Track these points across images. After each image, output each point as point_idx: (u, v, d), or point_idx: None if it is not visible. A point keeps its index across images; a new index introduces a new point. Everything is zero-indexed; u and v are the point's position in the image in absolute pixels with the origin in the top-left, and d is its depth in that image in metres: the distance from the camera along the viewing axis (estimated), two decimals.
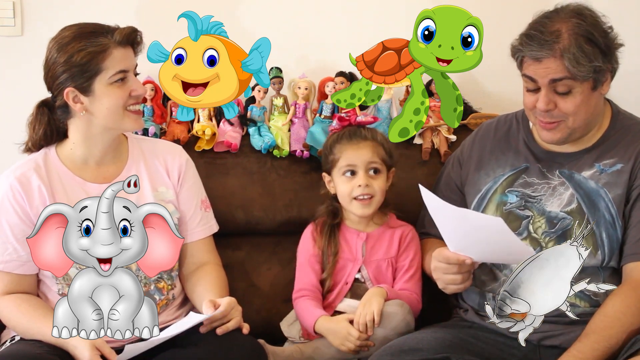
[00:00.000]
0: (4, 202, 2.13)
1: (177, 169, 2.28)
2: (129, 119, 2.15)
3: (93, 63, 2.09)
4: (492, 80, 2.75)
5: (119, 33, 2.11)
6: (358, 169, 2.31)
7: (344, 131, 2.36)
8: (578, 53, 1.99)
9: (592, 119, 2.12)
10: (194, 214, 2.29)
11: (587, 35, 2.01)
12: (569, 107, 2.05)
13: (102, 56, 2.09)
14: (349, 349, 2.18)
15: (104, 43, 2.10)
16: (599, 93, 2.08)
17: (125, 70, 2.12)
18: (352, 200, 2.32)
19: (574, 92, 2.04)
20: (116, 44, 2.11)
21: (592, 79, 2.03)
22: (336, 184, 2.35)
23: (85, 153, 2.19)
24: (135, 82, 2.15)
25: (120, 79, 2.12)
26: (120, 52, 2.11)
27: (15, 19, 2.68)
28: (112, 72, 2.10)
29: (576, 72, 2.00)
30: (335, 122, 2.40)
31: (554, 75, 2.02)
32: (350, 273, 2.33)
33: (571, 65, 2.00)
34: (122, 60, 2.11)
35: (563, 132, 2.10)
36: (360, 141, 2.32)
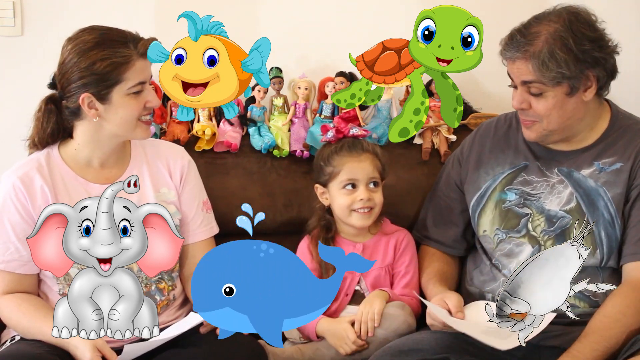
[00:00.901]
0: (7, 202, 2.13)
1: (179, 170, 2.28)
2: (140, 129, 2.16)
3: (115, 73, 2.09)
4: (492, 80, 2.75)
5: (143, 45, 2.10)
6: (359, 182, 2.30)
7: (342, 143, 2.35)
8: (546, 58, 2.02)
9: (572, 124, 2.12)
10: (195, 215, 2.29)
11: (563, 41, 2.03)
12: (540, 109, 2.08)
13: (124, 67, 2.09)
14: (345, 352, 2.18)
15: (128, 54, 2.10)
16: (578, 99, 2.08)
17: (144, 82, 2.13)
18: (351, 212, 2.31)
19: (545, 95, 2.07)
20: (139, 55, 2.11)
21: (567, 85, 2.04)
22: (333, 196, 2.34)
23: (89, 155, 2.19)
24: (150, 93, 2.16)
25: (139, 91, 2.12)
26: (142, 63, 2.12)
27: (15, 19, 2.68)
28: (132, 84, 2.10)
29: (541, 77, 2.04)
30: (331, 133, 2.38)
31: (525, 77, 2.07)
32: (350, 285, 2.33)
33: (536, 69, 2.03)
34: (142, 71, 2.12)
35: (538, 132, 2.12)
36: (361, 153, 2.33)
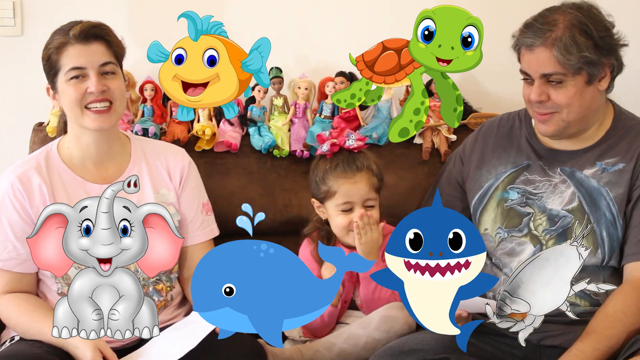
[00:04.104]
0: (4, 200, 2.13)
1: (179, 171, 2.27)
2: (88, 117, 2.12)
3: (53, 60, 2.11)
4: (492, 80, 2.75)
5: (76, 29, 2.09)
6: (355, 205, 2.29)
7: (337, 160, 2.31)
8: (569, 42, 2.01)
9: (589, 114, 2.12)
10: (194, 217, 2.28)
11: (582, 27, 2.04)
12: (561, 98, 2.06)
13: (59, 54, 2.09)
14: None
15: (62, 41, 2.09)
16: (595, 88, 2.09)
17: (81, 67, 2.09)
18: (348, 232, 2.30)
19: (566, 84, 2.05)
20: (74, 40, 2.09)
21: (586, 73, 2.04)
22: (330, 215, 2.33)
23: (80, 154, 2.19)
24: (92, 80, 2.10)
25: (75, 77, 2.10)
26: (77, 48, 2.09)
27: (15, 19, 2.68)
28: (66, 69, 2.09)
29: (564, 61, 2.02)
30: (326, 147, 2.35)
31: (545, 70, 2.05)
32: (348, 291, 2.33)
33: (560, 54, 2.02)
34: (77, 57, 2.09)
35: (557, 124, 2.11)
36: (356, 173, 2.29)
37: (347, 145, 2.33)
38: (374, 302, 2.28)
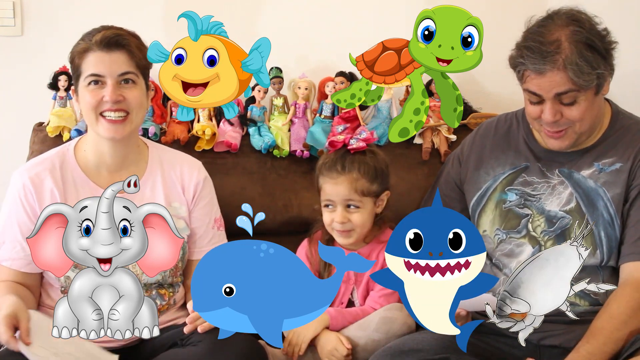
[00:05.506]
0: (16, 200, 2.14)
1: (194, 186, 2.26)
2: (102, 126, 2.12)
3: (76, 64, 2.12)
4: (492, 80, 2.75)
5: (99, 35, 2.09)
6: (335, 204, 2.28)
7: (326, 160, 2.31)
8: (581, 62, 1.98)
9: (597, 121, 2.13)
10: (205, 232, 2.28)
11: (587, 42, 2.00)
12: (575, 115, 2.05)
13: (81, 58, 2.10)
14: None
15: (84, 46, 2.10)
16: (600, 95, 2.09)
17: (98, 74, 2.10)
18: (332, 229, 2.31)
19: (579, 101, 2.04)
20: (95, 46, 2.09)
21: (596, 85, 2.03)
22: (322, 210, 2.34)
23: (95, 159, 2.18)
24: (109, 89, 2.09)
25: (94, 82, 2.10)
26: (98, 56, 2.09)
27: (15, 19, 2.68)
28: (86, 74, 2.10)
29: (581, 83, 1.99)
30: (326, 146, 2.36)
31: (559, 89, 2.02)
32: (344, 293, 2.33)
33: (575, 77, 1.99)
34: (96, 64, 2.09)
35: (571, 138, 2.10)
36: (338, 176, 2.27)
37: (350, 144, 2.34)
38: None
